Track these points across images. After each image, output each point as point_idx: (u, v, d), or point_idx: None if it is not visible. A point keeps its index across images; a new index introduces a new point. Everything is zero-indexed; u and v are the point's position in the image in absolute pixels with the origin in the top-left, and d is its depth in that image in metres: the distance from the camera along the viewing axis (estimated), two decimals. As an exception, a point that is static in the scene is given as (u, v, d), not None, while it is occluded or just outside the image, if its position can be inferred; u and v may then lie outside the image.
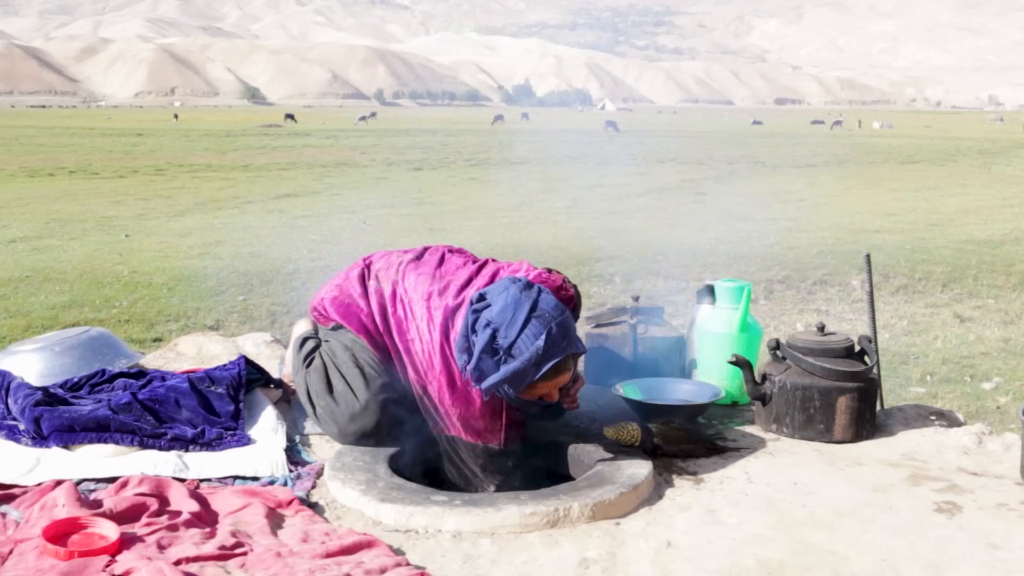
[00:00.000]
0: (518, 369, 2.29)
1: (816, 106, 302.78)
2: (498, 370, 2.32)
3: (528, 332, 2.30)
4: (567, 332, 2.35)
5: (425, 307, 2.55)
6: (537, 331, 2.30)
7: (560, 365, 2.34)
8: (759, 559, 1.98)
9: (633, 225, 11.49)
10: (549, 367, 2.31)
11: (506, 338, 2.30)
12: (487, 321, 2.33)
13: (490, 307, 2.35)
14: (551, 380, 2.36)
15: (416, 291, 2.59)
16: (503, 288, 2.37)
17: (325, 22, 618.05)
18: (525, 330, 2.30)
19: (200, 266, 8.79)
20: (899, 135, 46.84)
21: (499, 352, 2.31)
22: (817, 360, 2.72)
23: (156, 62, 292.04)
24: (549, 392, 2.41)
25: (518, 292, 2.34)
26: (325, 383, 2.64)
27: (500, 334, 2.31)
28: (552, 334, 2.30)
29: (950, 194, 16.93)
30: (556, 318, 2.33)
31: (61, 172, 20.01)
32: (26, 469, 2.35)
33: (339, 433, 2.59)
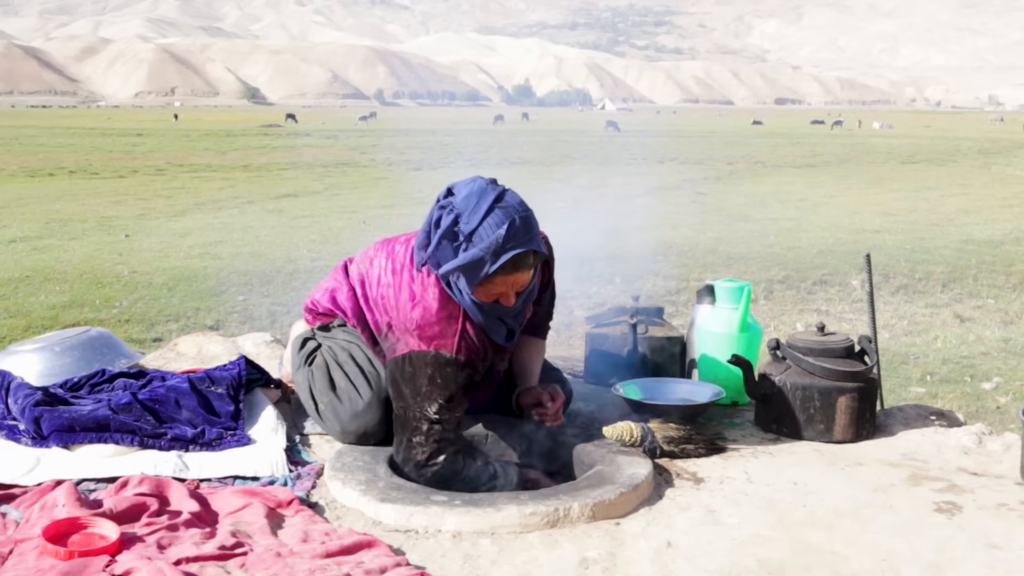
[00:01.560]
0: (476, 256, 2.25)
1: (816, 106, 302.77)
2: (456, 256, 2.29)
3: (490, 220, 2.26)
4: (530, 228, 2.31)
5: (389, 252, 2.57)
6: (499, 220, 2.26)
7: (519, 260, 2.30)
8: (759, 559, 1.98)
9: (633, 225, 11.50)
10: (507, 259, 2.26)
11: (467, 224, 2.26)
12: (451, 207, 2.29)
13: (456, 196, 2.32)
14: (508, 275, 2.31)
15: (382, 250, 2.61)
16: (470, 180, 2.35)
17: (325, 22, 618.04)
18: (487, 218, 2.26)
19: (200, 266, 8.79)
20: (899, 135, 46.84)
21: (459, 237, 2.28)
22: (817, 360, 2.72)
23: (156, 62, 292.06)
24: (505, 292, 2.37)
25: (484, 183, 2.32)
26: (328, 380, 2.64)
27: (462, 220, 2.27)
28: (515, 225, 2.26)
29: (950, 194, 16.93)
30: (520, 212, 2.30)
31: (61, 172, 20.02)
32: (26, 469, 2.35)
33: (341, 431, 2.59)
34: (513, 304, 2.42)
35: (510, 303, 2.40)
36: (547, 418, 2.59)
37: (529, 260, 2.33)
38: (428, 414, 2.38)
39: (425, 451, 2.38)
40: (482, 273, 2.28)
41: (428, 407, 2.38)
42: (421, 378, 2.39)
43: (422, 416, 2.38)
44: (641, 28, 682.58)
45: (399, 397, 2.42)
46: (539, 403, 2.63)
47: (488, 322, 2.44)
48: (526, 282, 2.39)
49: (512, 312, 2.48)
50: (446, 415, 2.38)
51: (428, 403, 2.38)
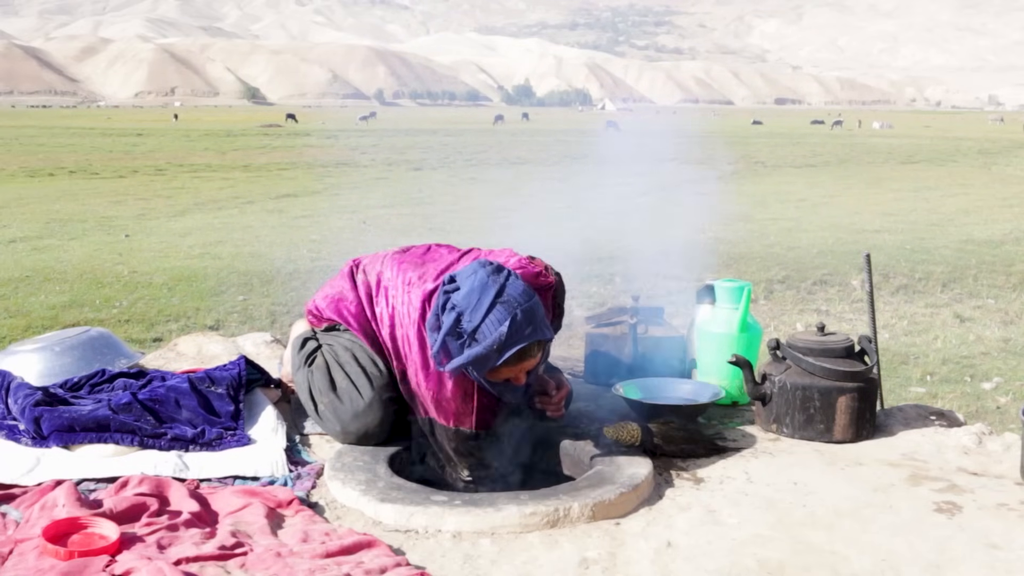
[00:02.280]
0: (480, 354, 2.29)
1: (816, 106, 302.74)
2: (462, 353, 2.32)
3: (492, 317, 2.28)
4: (533, 319, 2.32)
5: (405, 292, 2.56)
6: (501, 317, 2.28)
7: (524, 352, 2.33)
8: (759, 559, 1.98)
9: (633, 225, 11.49)
10: (512, 353, 2.30)
11: (470, 322, 2.29)
12: (453, 304, 2.32)
13: (458, 290, 2.34)
14: (515, 365, 2.35)
15: (398, 278, 2.60)
16: (472, 271, 2.36)
17: (325, 22, 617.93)
18: (489, 315, 2.28)
19: (200, 266, 8.79)
20: (899, 135, 46.84)
21: (463, 336, 2.30)
22: (817, 360, 2.72)
23: (156, 62, 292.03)
24: (516, 376, 2.40)
25: (486, 276, 2.33)
26: (328, 381, 2.64)
27: (464, 318, 2.30)
28: (516, 320, 2.28)
29: (950, 194, 16.94)
30: (522, 304, 2.30)
31: (61, 172, 20.02)
32: (26, 469, 2.35)
33: (341, 431, 2.59)
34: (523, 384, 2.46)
35: (520, 383, 2.44)
36: (549, 407, 2.60)
37: (534, 350, 2.37)
38: (462, 476, 2.52)
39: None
40: (488, 367, 2.34)
41: (461, 471, 2.53)
42: (446, 446, 2.53)
43: (457, 478, 2.53)
44: (641, 28, 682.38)
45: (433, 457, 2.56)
46: (544, 392, 2.63)
47: (503, 391, 2.47)
48: (534, 365, 2.43)
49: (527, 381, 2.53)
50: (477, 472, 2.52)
51: (460, 468, 2.53)
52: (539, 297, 2.43)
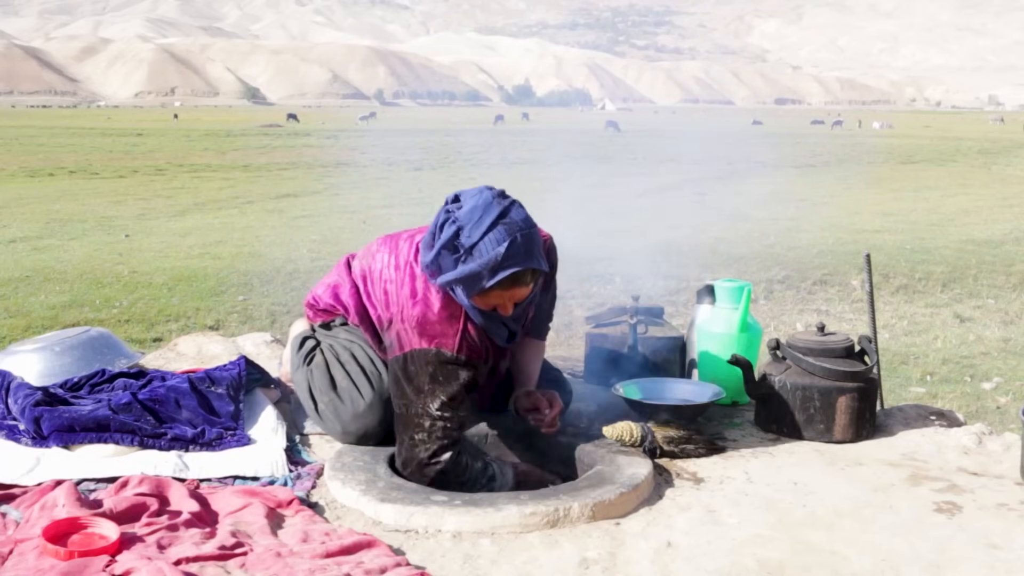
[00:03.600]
0: (473, 271, 2.28)
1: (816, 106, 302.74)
2: (455, 268, 2.31)
3: (491, 236, 2.27)
4: (531, 246, 2.32)
5: (392, 247, 2.57)
6: (500, 237, 2.27)
7: (517, 277, 2.31)
8: (759, 559, 1.98)
9: (633, 225, 11.49)
10: (504, 276, 2.28)
11: (469, 238, 2.28)
12: (454, 219, 2.31)
13: (461, 207, 2.33)
14: (506, 290, 2.33)
15: (386, 245, 2.61)
16: (477, 191, 2.36)
17: (325, 22, 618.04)
18: (489, 233, 2.27)
19: (200, 266, 8.79)
20: (899, 135, 46.84)
21: (459, 250, 2.30)
22: (817, 360, 2.72)
23: (156, 62, 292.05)
24: (503, 304, 2.38)
25: (491, 197, 2.32)
26: (328, 380, 2.64)
27: (464, 232, 2.29)
28: (515, 243, 2.27)
29: (950, 194, 16.94)
30: (523, 229, 2.30)
31: (61, 172, 20.02)
32: (26, 469, 2.35)
33: (342, 431, 2.59)
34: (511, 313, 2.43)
35: (507, 313, 2.41)
36: (543, 424, 2.58)
37: (527, 278, 2.35)
38: (431, 411, 2.38)
39: (429, 448, 2.37)
40: (479, 287, 2.30)
41: (431, 404, 2.38)
42: (423, 376, 2.39)
43: (424, 413, 2.38)
44: (641, 28, 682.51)
45: (401, 395, 2.42)
46: (536, 408, 2.62)
47: (489, 324, 2.45)
48: (524, 296, 2.41)
49: (513, 316, 2.49)
50: (448, 412, 2.38)
51: (431, 400, 2.38)
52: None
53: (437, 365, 2.40)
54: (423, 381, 2.40)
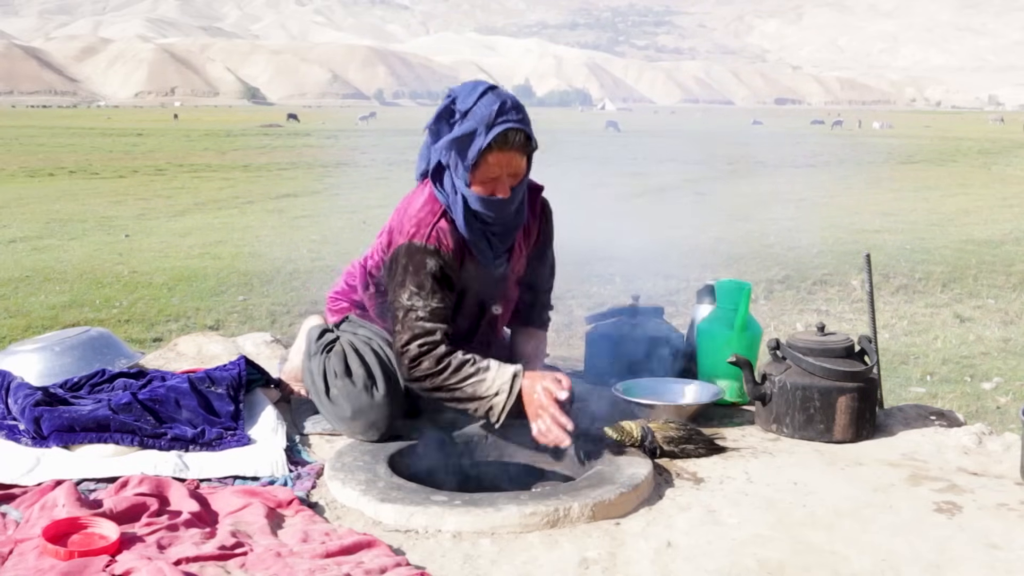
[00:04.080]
0: (469, 128, 2.40)
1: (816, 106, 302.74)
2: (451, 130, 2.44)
3: (485, 100, 2.41)
4: (522, 113, 2.44)
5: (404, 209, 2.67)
6: (492, 100, 2.41)
7: (510, 136, 2.41)
8: (759, 559, 1.98)
9: (633, 225, 11.49)
10: (499, 131, 2.38)
11: (463, 103, 2.43)
12: (449, 94, 2.49)
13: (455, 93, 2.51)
14: (501, 152, 2.41)
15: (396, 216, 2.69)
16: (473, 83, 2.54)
17: (325, 22, 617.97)
18: (482, 99, 2.42)
19: (200, 266, 8.79)
20: (899, 135, 46.84)
21: (455, 115, 2.45)
22: (817, 360, 2.72)
23: (156, 62, 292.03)
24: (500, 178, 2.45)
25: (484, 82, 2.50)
26: (344, 366, 2.65)
27: (458, 100, 2.45)
28: (506, 105, 2.40)
29: (950, 194, 16.93)
30: (513, 99, 2.44)
31: (61, 172, 20.02)
32: (26, 469, 2.35)
33: (349, 417, 2.57)
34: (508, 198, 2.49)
35: (505, 193, 2.48)
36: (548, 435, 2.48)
37: (520, 139, 2.44)
38: (402, 301, 2.47)
39: (401, 338, 2.45)
40: (475, 147, 2.40)
41: (401, 295, 2.48)
42: (397, 268, 2.51)
43: (398, 305, 2.48)
44: (641, 28, 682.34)
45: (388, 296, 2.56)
46: None
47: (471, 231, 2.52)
48: (519, 168, 2.48)
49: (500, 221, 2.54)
50: (416, 301, 2.46)
51: (401, 291, 2.48)
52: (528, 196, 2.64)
53: (408, 255, 2.49)
54: (396, 273, 2.51)
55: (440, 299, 2.49)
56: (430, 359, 2.44)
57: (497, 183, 2.47)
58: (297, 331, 3.16)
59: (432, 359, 2.44)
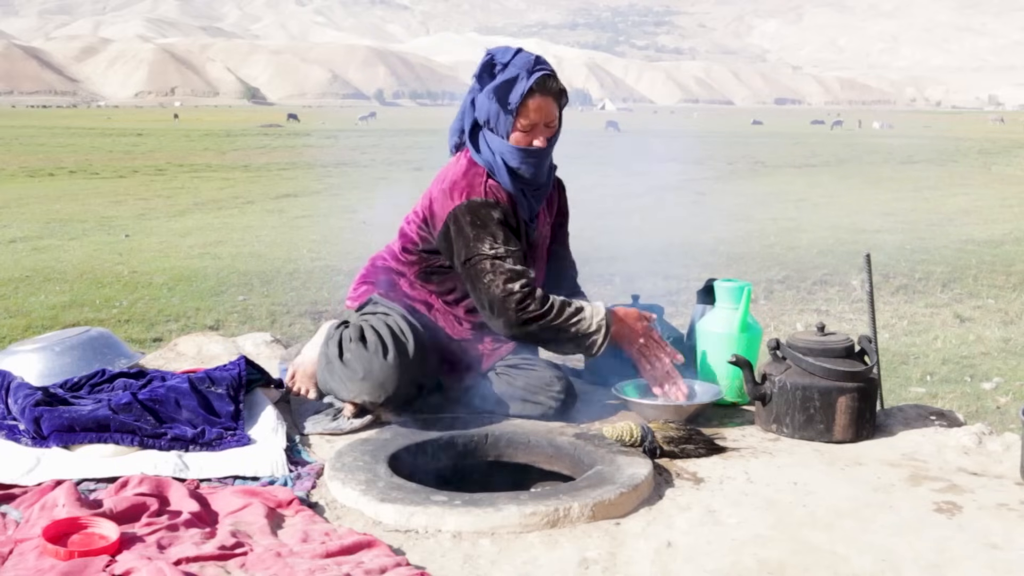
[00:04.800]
0: (511, 75, 2.65)
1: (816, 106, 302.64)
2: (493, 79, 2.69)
3: (522, 54, 2.71)
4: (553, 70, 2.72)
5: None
6: (529, 54, 2.72)
7: (548, 82, 2.67)
8: (759, 559, 1.98)
9: (633, 225, 11.49)
10: (539, 76, 2.64)
11: (503, 58, 2.71)
12: (486, 52, 2.76)
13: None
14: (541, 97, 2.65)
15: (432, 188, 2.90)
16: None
17: (325, 22, 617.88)
18: (520, 53, 2.71)
19: (200, 266, 8.79)
20: (899, 135, 46.85)
21: (495, 68, 2.71)
22: (817, 360, 2.72)
23: (156, 62, 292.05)
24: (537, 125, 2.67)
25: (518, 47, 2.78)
26: (359, 335, 2.70)
27: (497, 56, 2.72)
28: (542, 59, 2.71)
29: (950, 194, 16.93)
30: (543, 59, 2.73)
31: (61, 172, 20.03)
32: (26, 469, 2.35)
33: (360, 378, 2.62)
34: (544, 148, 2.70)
35: (543, 143, 2.69)
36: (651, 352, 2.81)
37: (556, 86, 2.70)
38: (484, 252, 2.58)
39: (499, 284, 2.56)
40: (517, 91, 2.63)
41: (482, 247, 2.59)
42: (466, 228, 2.64)
43: (481, 257, 2.59)
44: (641, 28, 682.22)
45: (459, 257, 2.65)
46: None
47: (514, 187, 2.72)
48: (553, 116, 2.70)
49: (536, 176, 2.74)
50: (502, 248, 2.61)
51: (480, 244, 2.59)
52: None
53: (471, 213, 2.65)
54: (468, 233, 2.63)
55: (516, 245, 2.66)
56: (536, 301, 2.58)
57: (535, 132, 2.68)
58: (297, 331, 3.18)
59: (537, 301, 2.59)
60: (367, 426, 2.74)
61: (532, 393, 2.79)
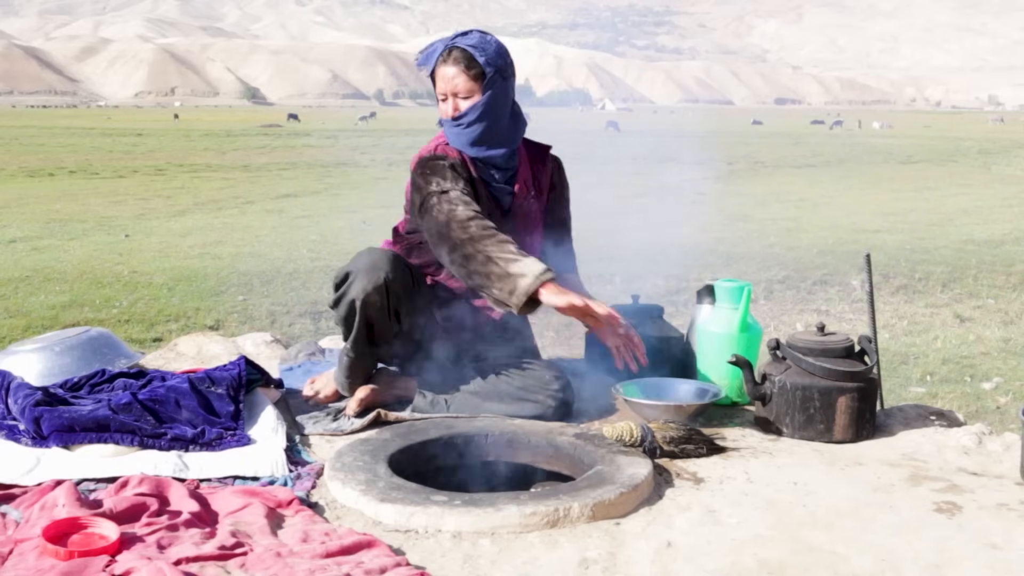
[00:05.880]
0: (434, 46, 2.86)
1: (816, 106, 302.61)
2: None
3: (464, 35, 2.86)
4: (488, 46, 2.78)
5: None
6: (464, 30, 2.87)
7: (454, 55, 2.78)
8: (759, 559, 1.98)
9: (633, 225, 11.48)
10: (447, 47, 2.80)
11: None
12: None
13: None
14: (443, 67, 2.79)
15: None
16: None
17: (325, 22, 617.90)
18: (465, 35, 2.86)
19: (200, 266, 8.79)
20: (899, 135, 46.83)
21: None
22: (817, 360, 2.72)
23: (156, 62, 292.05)
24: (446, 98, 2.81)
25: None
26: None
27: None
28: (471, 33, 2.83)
29: (950, 194, 16.92)
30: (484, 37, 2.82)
31: (61, 172, 20.02)
32: (26, 469, 2.35)
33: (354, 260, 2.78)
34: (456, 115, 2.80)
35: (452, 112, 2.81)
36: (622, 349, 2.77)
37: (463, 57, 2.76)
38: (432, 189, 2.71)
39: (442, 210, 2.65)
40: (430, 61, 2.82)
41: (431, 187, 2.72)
42: (418, 180, 2.78)
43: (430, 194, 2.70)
44: (641, 28, 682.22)
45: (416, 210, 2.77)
46: None
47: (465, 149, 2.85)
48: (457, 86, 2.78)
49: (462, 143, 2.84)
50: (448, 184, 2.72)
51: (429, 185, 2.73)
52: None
53: (423, 166, 2.80)
54: (420, 183, 2.77)
55: (465, 187, 2.74)
56: (478, 224, 2.61)
57: (450, 103, 2.80)
58: (297, 331, 3.18)
59: (480, 224, 2.61)
60: (367, 426, 2.75)
61: (530, 392, 2.79)
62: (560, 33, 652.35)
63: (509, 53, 2.87)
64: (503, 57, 2.82)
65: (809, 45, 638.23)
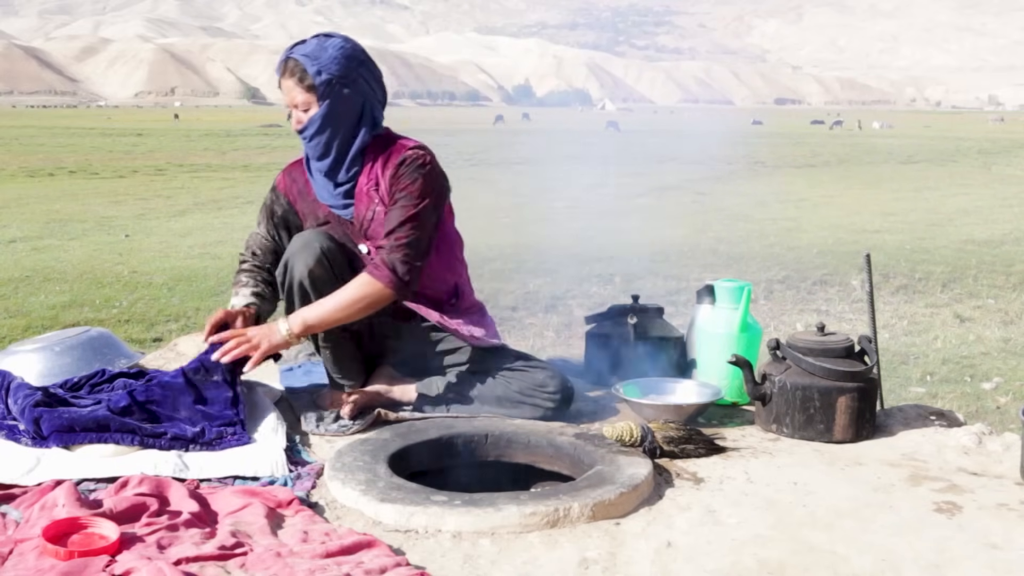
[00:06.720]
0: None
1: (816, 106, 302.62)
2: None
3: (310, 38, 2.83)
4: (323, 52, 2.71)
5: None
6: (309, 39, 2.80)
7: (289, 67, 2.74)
8: (759, 559, 1.98)
9: (633, 225, 11.49)
10: (282, 58, 2.76)
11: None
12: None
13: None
14: (282, 79, 2.75)
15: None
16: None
17: (325, 22, 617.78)
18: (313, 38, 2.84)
19: (200, 266, 8.79)
20: (899, 135, 46.83)
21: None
22: (817, 360, 2.72)
23: (156, 62, 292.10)
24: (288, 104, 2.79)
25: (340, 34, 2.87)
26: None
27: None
28: (307, 42, 2.76)
29: (950, 194, 16.92)
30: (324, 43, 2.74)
31: (61, 172, 20.02)
32: (26, 469, 2.35)
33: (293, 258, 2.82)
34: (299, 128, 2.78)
35: (296, 124, 2.79)
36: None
37: (296, 68, 2.71)
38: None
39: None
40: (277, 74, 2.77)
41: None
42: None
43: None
44: (641, 28, 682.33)
45: None
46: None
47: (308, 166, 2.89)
48: (295, 99, 2.74)
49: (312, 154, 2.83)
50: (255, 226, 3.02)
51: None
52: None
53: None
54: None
55: (261, 227, 2.99)
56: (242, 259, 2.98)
57: (294, 116, 2.78)
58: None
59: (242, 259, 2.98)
60: (367, 427, 2.75)
61: (528, 395, 2.79)
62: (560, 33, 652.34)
63: (357, 56, 2.72)
64: (342, 62, 2.68)
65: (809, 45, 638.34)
